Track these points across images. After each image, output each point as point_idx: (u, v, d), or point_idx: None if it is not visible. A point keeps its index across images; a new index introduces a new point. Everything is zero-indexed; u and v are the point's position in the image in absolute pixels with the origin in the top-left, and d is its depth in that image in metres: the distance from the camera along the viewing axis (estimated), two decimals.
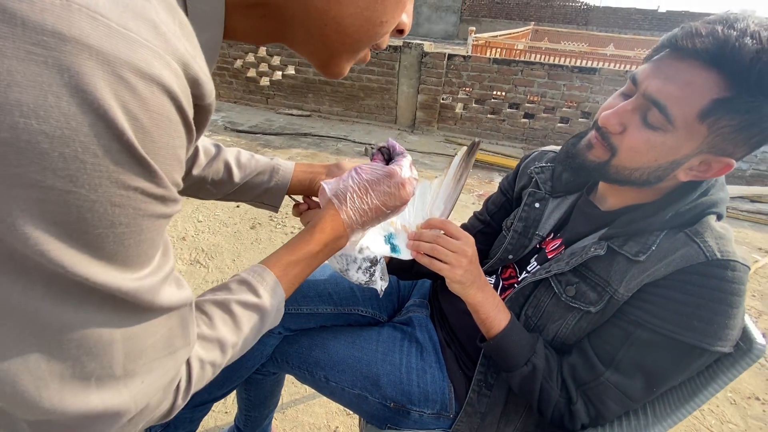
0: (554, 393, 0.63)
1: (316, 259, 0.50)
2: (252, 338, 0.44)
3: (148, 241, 0.25)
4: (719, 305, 0.53)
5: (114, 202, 0.22)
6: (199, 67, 0.24)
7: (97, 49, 0.18)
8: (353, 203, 0.51)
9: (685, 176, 0.56)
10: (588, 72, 3.68)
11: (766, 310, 2.02)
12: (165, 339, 0.31)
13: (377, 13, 0.32)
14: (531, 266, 0.75)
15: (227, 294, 0.42)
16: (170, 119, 0.22)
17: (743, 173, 3.61)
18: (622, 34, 13.57)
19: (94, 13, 0.18)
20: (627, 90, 0.58)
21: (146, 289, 0.26)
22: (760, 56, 0.45)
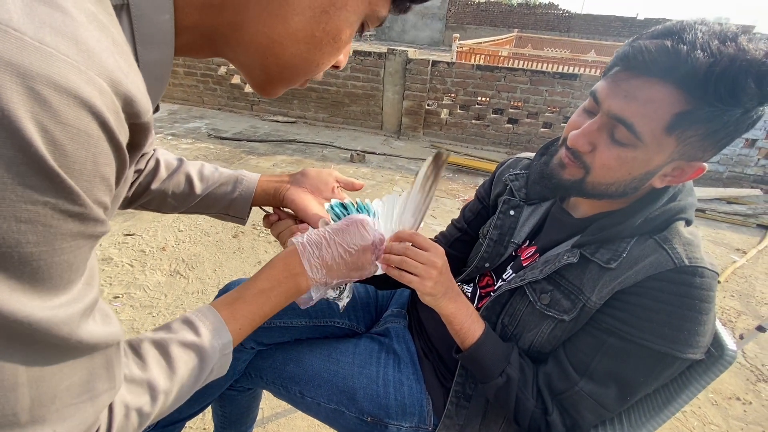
0: (530, 404, 0.62)
1: (268, 297, 0.47)
2: (190, 385, 0.40)
3: (63, 263, 0.24)
4: (688, 312, 0.53)
5: (20, 217, 0.20)
6: (132, 83, 0.24)
7: (8, 61, 0.18)
8: (310, 237, 0.52)
9: (660, 183, 0.57)
10: (569, 78, 3.75)
11: (745, 310, 2.06)
12: (84, 382, 0.28)
13: (317, 56, 0.35)
14: (507, 274, 0.74)
15: (167, 333, 0.40)
16: (89, 134, 0.22)
17: (720, 175, 3.71)
18: (602, 40, 13.91)
19: (5, 27, 0.18)
20: (589, 107, 0.58)
21: (61, 320, 0.24)
22: (713, 68, 0.45)
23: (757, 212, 3.03)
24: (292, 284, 0.49)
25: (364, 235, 0.54)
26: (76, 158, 0.21)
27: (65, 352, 0.26)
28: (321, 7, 0.32)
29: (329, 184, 0.69)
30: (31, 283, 0.22)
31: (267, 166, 3.28)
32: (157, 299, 1.75)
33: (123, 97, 0.23)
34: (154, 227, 2.28)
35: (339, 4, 0.33)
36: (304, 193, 0.66)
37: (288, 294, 0.49)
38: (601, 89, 0.54)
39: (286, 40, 0.33)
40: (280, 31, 0.32)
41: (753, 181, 3.66)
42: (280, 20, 0.32)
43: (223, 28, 0.32)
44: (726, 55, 0.45)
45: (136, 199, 0.64)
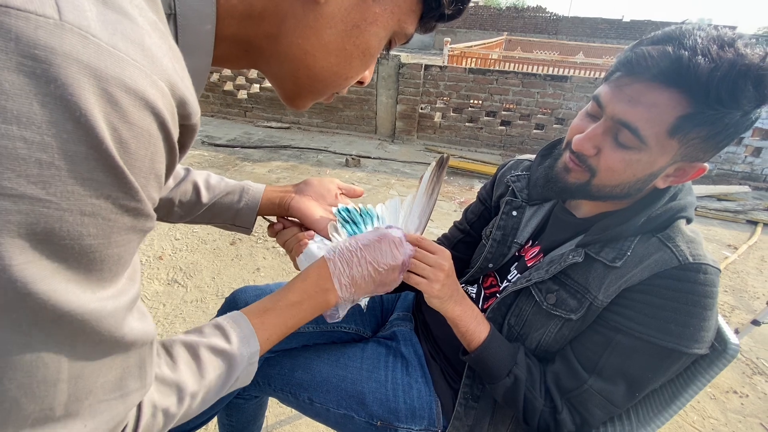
0: (538, 403, 0.63)
1: (299, 310, 0.48)
2: (216, 390, 0.40)
3: (114, 256, 0.24)
4: (693, 308, 0.54)
5: (84, 211, 0.21)
6: (186, 87, 0.25)
7: (86, 64, 0.19)
8: (342, 255, 0.52)
9: (663, 183, 0.59)
10: (560, 80, 3.81)
11: (738, 305, 2.09)
12: (118, 379, 0.28)
13: (345, 70, 0.37)
14: (511, 274, 0.75)
15: (199, 336, 0.40)
16: (151, 134, 0.23)
17: (709, 173, 3.77)
18: (590, 42, 14.12)
19: (85, 32, 0.19)
20: (592, 110, 0.59)
21: (108, 312, 0.25)
22: (715, 73, 0.46)
23: (746, 208, 3.09)
24: (322, 299, 0.50)
25: (395, 255, 0.55)
26: (138, 156, 0.23)
27: (106, 347, 0.26)
28: (353, 21, 0.34)
29: (332, 192, 0.70)
30: (85, 274, 0.23)
31: (262, 172, 3.28)
32: (156, 309, 1.73)
33: (178, 100, 0.25)
34: (150, 236, 2.26)
35: (370, 20, 0.34)
36: (308, 201, 0.67)
37: (317, 308, 0.50)
38: (605, 94, 0.55)
39: (318, 52, 0.35)
40: (313, 43, 0.34)
41: (741, 177, 3.74)
42: (314, 33, 0.34)
43: (260, 39, 0.34)
44: (726, 59, 0.46)
45: None
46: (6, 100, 0.18)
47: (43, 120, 0.19)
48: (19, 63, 0.18)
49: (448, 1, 0.36)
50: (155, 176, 0.25)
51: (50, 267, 0.21)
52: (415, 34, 0.39)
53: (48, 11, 0.18)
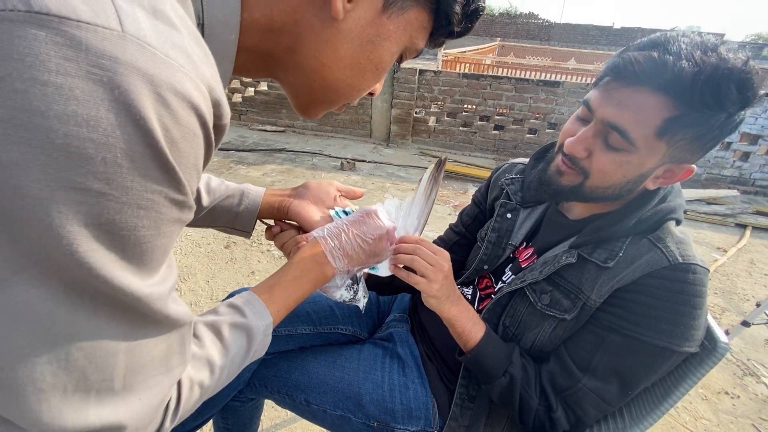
0: (533, 402, 0.64)
1: (301, 283, 0.52)
2: (239, 361, 0.44)
3: (161, 246, 0.27)
4: (683, 307, 0.56)
5: (141, 204, 0.24)
6: (220, 91, 0.28)
7: (144, 71, 0.21)
8: (331, 232, 0.57)
9: (653, 184, 0.60)
10: (552, 85, 3.86)
11: (728, 306, 2.13)
12: (164, 355, 0.31)
13: (359, 81, 0.40)
14: (506, 276, 0.76)
15: (216, 316, 0.44)
16: (195, 133, 0.25)
17: (699, 177, 3.84)
18: (582, 48, 14.32)
19: (143, 42, 0.21)
20: (582, 114, 0.60)
21: (157, 296, 0.28)
22: (698, 77, 0.48)
23: (735, 212, 3.15)
24: (319, 272, 0.54)
25: (378, 225, 0.59)
26: (185, 153, 0.25)
27: (154, 325, 0.29)
28: (368, 37, 0.36)
29: (331, 194, 0.71)
30: (137, 263, 0.26)
31: (257, 175, 3.27)
32: None
33: (215, 102, 0.27)
34: None
35: (384, 36, 0.37)
36: (308, 205, 0.68)
37: (317, 281, 0.54)
38: (594, 98, 0.57)
39: (334, 64, 0.37)
40: (329, 56, 0.37)
41: (730, 182, 3.80)
42: (331, 47, 0.36)
43: (280, 51, 0.36)
44: (709, 64, 0.48)
45: None
46: (77, 105, 0.20)
47: (109, 123, 0.21)
48: (89, 71, 0.20)
49: (457, 20, 0.38)
50: (196, 171, 0.27)
51: (110, 255, 0.24)
52: None
53: (112, 24, 0.20)
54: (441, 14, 0.38)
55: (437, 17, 0.38)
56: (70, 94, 0.20)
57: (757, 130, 3.58)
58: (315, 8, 0.34)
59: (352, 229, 0.57)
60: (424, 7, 0.37)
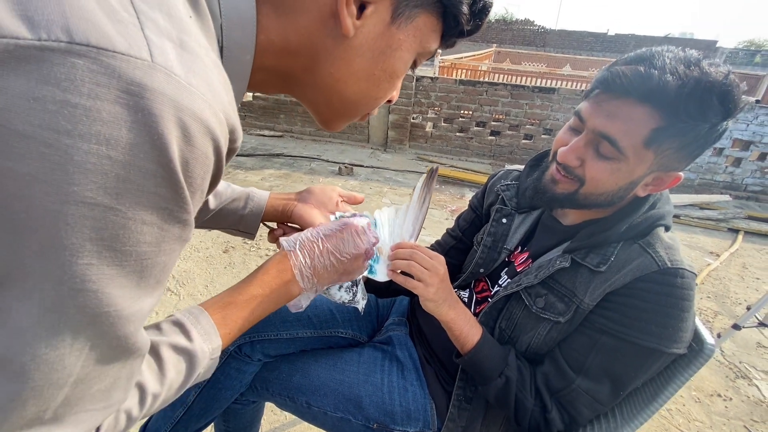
0: (528, 403, 0.66)
1: (260, 302, 0.47)
2: (177, 388, 0.39)
3: (161, 264, 0.28)
4: (672, 310, 0.58)
5: (145, 220, 0.25)
6: (235, 117, 0.30)
7: (168, 97, 0.23)
8: (303, 245, 0.52)
9: (643, 191, 0.63)
10: (547, 92, 3.91)
11: (721, 310, 2.16)
12: (107, 389, 0.29)
13: (375, 92, 0.41)
14: (501, 279, 0.78)
15: (158, 335, 0.39)
16: (207, 156, 0.27)
17: (692, 182, 3.89)
18: (577, 55, 14.48)
19: (169, 71, 0.23)
20: (574, 125, 0.63)
21: (139, 318, 0.28)
22: (682, 90, 0.51)
23: (728, 217, 3.20)
24: (283, 291, 0.50)
25: (357, 244, 0.55)
26: (195, 174, 0.26)
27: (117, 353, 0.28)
28: (380, 49, 0.37)
29: (333, 199, 0.73)
30: (135, 280, 0.26)
31: (255, 180, 3.29)
32: (149, 318, 1.72)
33: (230, 127, 0.29)
34: None
35: (395, 46, 0.38)
36: (310, 209, 0.70)
37: (279, 300, 0.50)
38: (585, 109, 0.60)
39: (349, 79, 0.38)
40: (344, 72, 0.38)
41: (722, 187, 3.86)
42: (345, 63, 0.37)
43: (296, 70, 0.38)
44: (692, 77, 0.51)
45: None
46: (102, 125, 0.22)
47: (128, 142, 0.22)
48: (118, 96, 0.22)
49: (466, 19, 0.39)
50: (201, 192, 0.28)
51: (108, 271, 0.24)
52: None
53: (143, 54, 0.22)
54: (449, 16, 0.38)
55: (446, 20, 0.39)
56: (97, 116, 0.21)
57: (748, 136, 3.64)
58: (327, 28, 0.35)
59: (327, 245, 0.52)
60: (431, 12, 0.38)
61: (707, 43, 18.88)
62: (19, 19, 0.20)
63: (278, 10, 0.34)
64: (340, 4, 0.33)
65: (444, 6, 0.38)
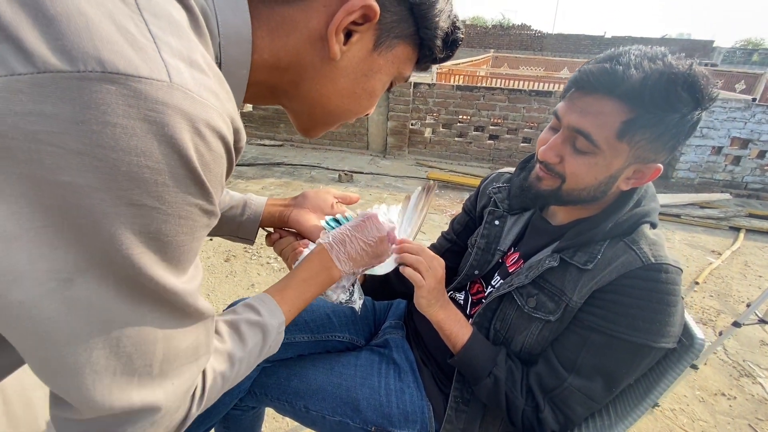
0: (519, 402, 0.66)
1: (310, 285, 0.57)
2: (256, 355, 0.48)
3: (193, 250, 0.32)
4: (658, 305, 0.59)
5: (181, 215, 0.29)
6: (238, 120, 0.34)
7: (185, 111, 0.27)
8: (335, 237, 0.61)
9: (626, 185, 0.64)
10: (544, 95, 3.94)
11: (723, 309, 2.15)
12: (193, 346, 0.36)
13: (355, 107, 0.46)
14: (494, 280, 0.79)
15: (234, 315, 0.48)
16: (221, 156, 0.31)
17: (692, 182, 3.89)
18: (574, 58, 14.56)
19: (185, 89, 0.27)
20: (553, 124, 0.66)
21: (189, 292, 0.33)
22: (646, 81, 0.54)
23: (729, 215, 3.19)
24: (326, 275, 0.58)
25: (380, 228, 0.63)
26: (215, 173, 0.31)
27: (187, 317, 0.34)
28: (362, 71, 0.43)
29: (328, 202, 0.75)
30: (175, 263, 0.31)
31: (256, 189, 3.31)
32: None
33: (235, 129, 0.33)
34: None
35: (376, 69, 0.43)
36: (307, 214, 0.72)
37: (324, 283, 0.58)
38: (561, 108, 0.63)
39: (333, 95, 0.43)
40: (329, 89, 0.43)
41: (722, 186, 3.86)
42: (330, 81, 0.42)
43: (285, 84, 0.42)
44: (656, 70, 0.54)
45: None
46: (137, 140, 0.25)
47: (159, 153, 0.26)
48: (146, 115, 0.25)
49: (439, 50, 0.44)
50: (221, 185, 0.33)
51: (155, 258, 0.29)
52: None
53: (163, 77, 0.26)
54: (425, 48, 0.44)
55: (421, 50, 0.44)
56: (132, 132, 0.25)
57: (746, 134, 3.65)
58: (316, 50, 0.39)
59: (355, 234, 0.61)
60: (409, 42, 0.43)
61: (704, 43, 18.94)
62: (59, 52, 0.23)
63: (273, 33, 0.38)
64: (330, 31, 0.37)
65: (420, 38, 0.43)
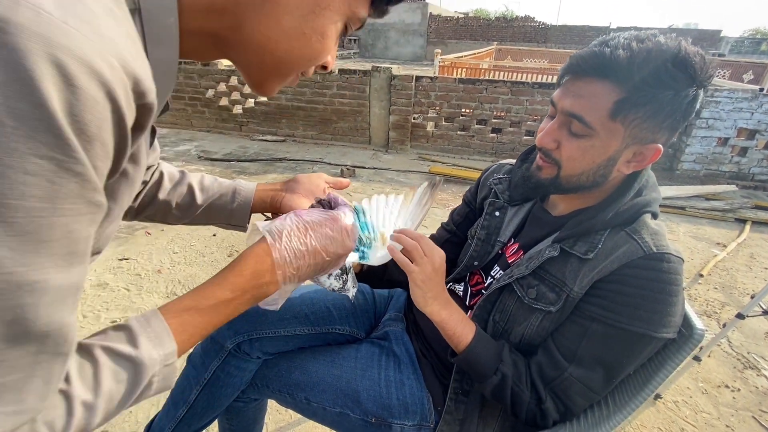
0: (525, 396, 0.66)
1: (227, 307, 0.43)
2: (119, 400, 0.34)
3: (62, 227, 0.25)
4: (660, 294, 0.58)
5: (28, 169, 0.22)
6: (140, 67, 0.27)
7: (37, 32, 0.21)
8: (289, 241, 0.46)
9: (627, 169, 0.64)
10: (547, 87, 3.90)
11: (728, 301, 2.13)
12: (16, 388, 0.25)
13: (307, 51, 0.41)
14: (494, 271, 0.79)
15: (97, 339, 0.35)
16: (96, 101, 0.24)
17: (697, 173, 3.85)
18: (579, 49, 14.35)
19: (38, 8, 0.22)
20: (551, 113, 0.67)
21: (45, 291, 0.24)
22: (633, 60, 0.55)
23: (734, 207, 3.16)
24: (258, 293, 0.45)
25: (346, 245, 0.51)
26: (83, 120, 0.24)
27: (17, 334, 0.24)
28: (308, 8, 0.38)
29: (320, 187, 0.73)
30: (32, 242, 0.23)
31: None
32: None
33: (131, 77, 0.26)
34: (149, 250, 2.29)
35: (323, 5, 0.38)
36: (299, 198, 0.70)
37: (251, 302, 0.45)
38: (556, 95, 0.64)
39: (279, 36, 0.38)
40: (274, 30, 0.38)
41: (728, 177, 3.81)
42: (273, 20, 0.37)
43: (225, 30, 0.38)
44: (644, 49, 0.55)
45: (142, 210, 0.66)
46: None
47: None
48: None
49: None
50: (101, 144, 0.25)
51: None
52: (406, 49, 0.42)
53: None
54: None
55: None
56: None
57: (753, 125, 3.60)
58: None
59: (315, 244, 0.47)
60: None
61: (711, 32, 18.62)
62: None
63: None
64: None
65: None
